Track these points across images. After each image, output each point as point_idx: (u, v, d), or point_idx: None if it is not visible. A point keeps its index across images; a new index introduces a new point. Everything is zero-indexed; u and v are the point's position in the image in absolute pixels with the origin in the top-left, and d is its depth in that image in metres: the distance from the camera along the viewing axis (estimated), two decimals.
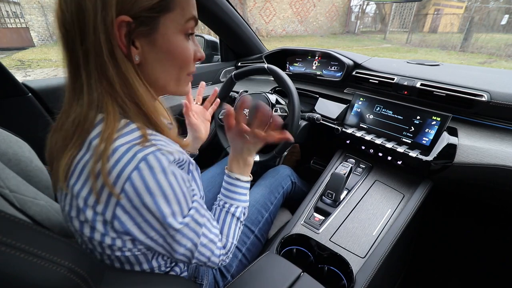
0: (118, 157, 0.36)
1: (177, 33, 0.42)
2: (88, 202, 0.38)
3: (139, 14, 0.38)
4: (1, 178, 0.45)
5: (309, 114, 1.03)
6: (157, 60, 0.42)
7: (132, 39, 0.39)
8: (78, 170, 0.38)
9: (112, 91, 0.39)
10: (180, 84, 0.48)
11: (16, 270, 0.27)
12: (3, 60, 5.71)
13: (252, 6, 10.88)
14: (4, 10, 8.90)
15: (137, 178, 0.36)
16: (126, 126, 0.39)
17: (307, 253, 0.71)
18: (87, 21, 0.35)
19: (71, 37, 0.37)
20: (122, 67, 0.38)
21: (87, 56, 0.37)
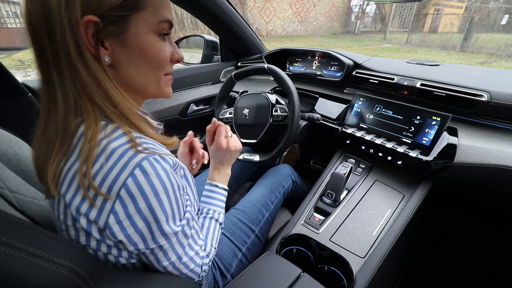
0: (115, 161, 0.36)
1: (149, 33, 0.40)
2: (81, 210, 0.37)
3: (107, 13, 0.36)
4: (1, 179, 0.45)
5: (309, 114, 1.03)
6: (130, 61, 0.41)
7: (101, 39, 0.38)
8: (68, 178, 0.37)
9: (88, 91, 0.37)
10: (160, 86, 0.46)
11: (16, 270, 0.27)
12: (3, 60, 5.71)
13: (252, 6, 10.88)
14: (4, 10, 8.90)
15: (132, 184, 0.36)
16: (115, 131, 0.38)
17: (307, 253, 0.71)
18: (53, 20, 0.34)
19: (39, 37, 0.36)
20: (91, 68, 0.37)
21: (57, 56, 0.36)
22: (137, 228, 0.39)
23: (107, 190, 0.36)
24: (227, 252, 0.73)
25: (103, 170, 0.36)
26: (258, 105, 1.00)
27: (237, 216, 0.81)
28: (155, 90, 0.46)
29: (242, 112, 1.03)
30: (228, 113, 1.08)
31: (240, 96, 1.06)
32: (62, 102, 0.37)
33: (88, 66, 0.37)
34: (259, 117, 0.99)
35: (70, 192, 0.37)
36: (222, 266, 0.70)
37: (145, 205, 0.37)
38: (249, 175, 1.16)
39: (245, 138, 1.04)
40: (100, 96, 0.38)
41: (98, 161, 0.36)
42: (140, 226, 0.39)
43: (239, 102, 1.05)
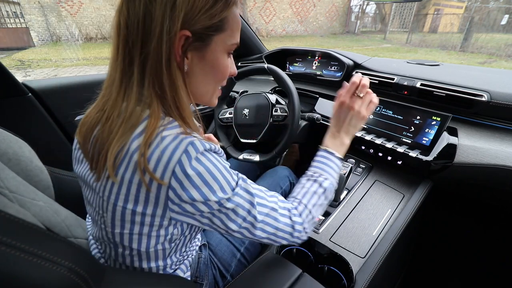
0: (167, 144, 0.39)
1: (223, 51, 0.47)
2: (141, 189, 0.40)
3: (198, 30, 0.42)
4: (1, 179, 0.45)
5: (309, 114, 1.03)
6: (202, 73, 0.47)
7: (186, 51, 0.43)
8: (126, 160, 0.40)
9: (162, 94, 0.42)
10: (213, 96, 0.53)
11: (16, 270, 0.27)
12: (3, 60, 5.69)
13: (252, 6, 10.88)
14: (4, 10, 8.90)
15: (186, 160, 0.39)
16: (171, 122, 0.43)
17: (307, 253, 0.71)
18: (153, 28, 0.39)
19: (132, 38, 0.40)
20: (173, 74, 0.42)
21: (146, 59, 0.40)
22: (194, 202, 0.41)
23: (163, 169, 0.38)
24: (226, 252, 0.73)
25: (158, 151, 0.39)
26: (258, 105, 1.00)
27: None
28: (209, 98, 0.52)
29: (242, 112, 1.03)
30: (228, 113, 1.08)
31: (240, 96, 1.06)
32: (134, 97, 0.41)
33: (171, 72, 0.41)
34: (259, 117, 0.99)
35: (129, 172, 0.40)
36: (221, 266, 0.70)
37: (199, 179, 0.40)
38: (252, 177, 1.16)
39: (245, 138, 1.04)
40: (172, 99, 0.43)
41: (153, 143, 0.39)
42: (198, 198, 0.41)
43: (239, 102, 1.05)
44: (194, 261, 0.65)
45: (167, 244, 0.47)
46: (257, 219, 0.47)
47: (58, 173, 0.69)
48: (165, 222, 0.43)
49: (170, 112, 0.43)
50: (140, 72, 0.41)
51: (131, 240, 0.44)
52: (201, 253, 0.68)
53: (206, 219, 0.44)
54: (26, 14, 8.77)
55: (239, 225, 0.46)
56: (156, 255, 0.48)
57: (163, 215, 0.42)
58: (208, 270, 0.67)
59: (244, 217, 0.46)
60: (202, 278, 0.65)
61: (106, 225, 0.44)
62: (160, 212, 0.42)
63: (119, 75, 0.42)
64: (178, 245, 0.52)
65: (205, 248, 0.71)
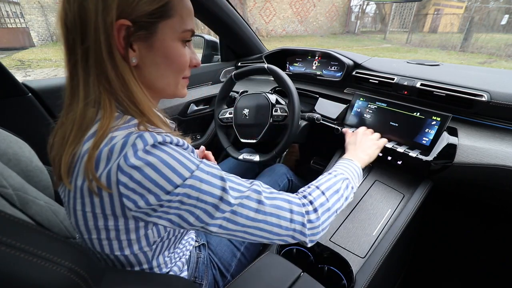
0: (115, 142, 0.37)
1: (174, 39, 0.44)
2: (94, 195, 0.38)
3: (139, 18, 0.39)
4: (4, 177, 0.45)
5: (309, 114, 1.03)
6: (154, 64, 0.44)
7: (130, 42, 0.40)
8: (78, 164, 0.38)
9: (111, 89, 0.40)
10: (178, 88, 0.49)
11: (16, 270, 0.27)
12: (3, 60, 5.71)
13: (252, 6, 10.88)
14: (4, 10, 8.90)
15: (131, 152, 0.36)
16: (128, 121, 0.40)
17: (307, 253, 0.71)
18: (88, 22, 0.37)
19: (71, 36, 0.39)
20: (119, 67, 0.39)
21: (87, 55, 0.39)
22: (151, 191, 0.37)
23: (108, 170, 0.36)
24: (226, 252, 0.73)
25: (105, 150, 0.36)
26: (258, 105, 1.00)
27: None
28: (173, 91, 0.49)
29: (242, 112, 1.03)
30: (228, 113, 1.08)
31: (240, 96, 1.06)
32: (83, 97, 0.40)
33: (116, 65, 0.39)
34: (259, 117, 0.99)
35: (80, 179, 0.38)
36: (221, 266, 0.70)
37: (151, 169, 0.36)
38: (252, 176, 1.16)
39: (245, 138, 1.04)
40: (123, 93, 0.40)
41: (102, 144, 0.37)
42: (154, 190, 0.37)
43: (239, 102, 1.05)
44: (193, 261, 0.65)
45: (145, 247, 0.44)
46: (231, 203, 0.41)
47: None
48: (131, 226, 0.40)
49: (127, 108, 0.41)
50: (84, 69, 0.39)
51: (102, 246, 0.42)
52: (200, 252, 0.68)
53: (174, 215, 0.39)
54: (26, 14, 8.77)
55: (211, 215, 0.40)
56: (136, 258, 0.45)
57: (124, 215, 0.39)
58: (208, 270, 0.67)
59: (215, 204, 0.40)
60: (202, 278, 0.65)
61: (77, 231, 0.42)
62: (119, 212, 0.38)
63: (68, 78, 0.41)
64: (162, 248, 0.49)
65: (204, 248, 0.71)
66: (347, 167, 0.61)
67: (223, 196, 0.41)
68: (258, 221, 0.44)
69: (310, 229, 0.47)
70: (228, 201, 0.41)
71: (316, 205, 0.49)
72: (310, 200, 0.49)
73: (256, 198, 0.44)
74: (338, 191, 0.53)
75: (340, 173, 0.58)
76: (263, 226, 0.44)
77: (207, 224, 0.41)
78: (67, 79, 0.42)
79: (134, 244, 0.43)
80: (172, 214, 0.39)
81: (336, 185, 0.54)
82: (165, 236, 0.47)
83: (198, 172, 0.40)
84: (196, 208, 0.40)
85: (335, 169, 0.60)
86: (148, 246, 0.45)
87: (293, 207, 0.47)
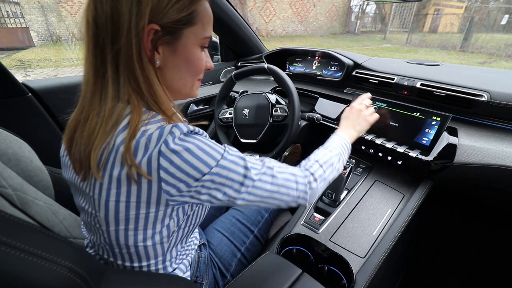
0: (152, 132, 0.40)
1: (195, 44, 0.47)
2: (132, 183, 0.40)
3: (167, 24, 0.42)
4: (4, 177, 0.45)
5: (309, 114, 1.03)
6: (175, 66, 0.47)
7: (156, 46, 0.43)
8: (112, 155, 0.40)
9: (138, 89, 0.42)
10: (192, 89, 0.53)
11: (17, 270, 0.27)
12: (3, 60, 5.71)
13: (252, 6, 10.88)
14: (4, 10, 8.90)
15: (171, 138, 0.39)
16: (154, 116, 0.43)
17: (307, 253, 0.71)
18: (121, 24, 0.39)
19: (102, 36, 0.40)
20: (146, 69, 0.42)
21: (118, 55, 0.41)
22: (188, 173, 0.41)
23: (149, 156, 0.38)
24: (227, 252, 0.73)
25: (143, 139, 0.39)
26: (258, 105, 1.00)
27: (236, 216, 0.81)
28: (188, 91, 0.52)
29: (242, 112, 1.03)
30: (228, 113, 1.08)
31: (240, 96, 1.06)
32: (112, 95, 0.42)
33: (143, 67, 0.42)
34: (259, 117, 0.99)
35: (116, 169, 0.40)
36: (221, 266, 0.70)
37: (189, 154, 0.40)
38: None
39: (245, 138, 1.04)
40: (148, 93, 0.43)
41: (138, 135, 0.40)
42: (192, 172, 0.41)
43: (239, 102, 1.05)
44: (194, 261, 0.65)
45: (164, 238, 0.48)
46: (253, 179, 0.47)
47: (58, 173, 0.69)
48: (160, 213, 0.43)
49: (151, 106, 0.44)
50: (114, 69, 0.41)
51: (127, 236, 0.44)
52: (201, 252, 0.68)
53: (205, 195, 0.44)
54: (26, 14, 8.77)
55: (237, 190, 0.46)
56: (155, 250, 0.48)
57: (157, 202, 0.42)
58: (209, 269, 0.67)
59: (241, 182, 0.46)
60: (202, 277, 0.65)
61: (101, 223, 0.44)
62: (154, 198, 0.41)
63: (93, 75, 0.42)
64: (177, 239, 0.52)
65: (205, 248, 0.71)
66: (339, 143, 0.68)
67: (246, 173, 0.47)
68: (273, 192, 0.50)
69: (311, 194, 0.56)
70: (251, 177, 0.47)
71: (316, 176, 0.57)
72: (311, 172, 0.57)
73: (270, 173, 0.50)
74: (333, 164, 0.62)
75: (334, 147, 0.66)
76: (276, 196, 0.51)
77: (234, 198, 0.46)
78: (91, 76, 0.42)
79: (156, 235, 0.46)
80: (204, 194, 0.44)
81: (331, 159, 0.62)
82: (182, 225, 0.51)
83: (226, 154, 0.45)
84: (225, 186, 0.45)
85: (330, 144, 0.68)
86: (167, 237, 0.48)
87: (298, 179, 0.54)
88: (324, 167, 0.59)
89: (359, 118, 0.77)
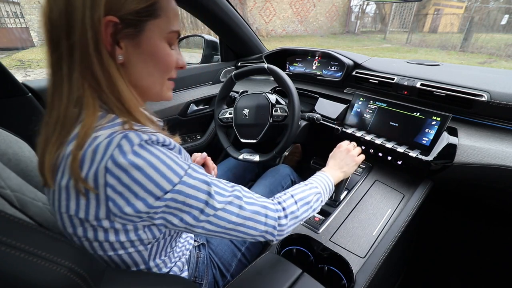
0: (99, 143, 0.36)
1: (161, 39, 0.44)
2: (80, 196, 0.38)
3: (127, 16, 0.39)
4: (2, 178, 0.45)
5: (309, 114, 1.03)
6: (140, 62, 0.44)
7: (117, 39, 0.40)
8: (62, 165, 0.38)
9: (96, 85, 0.39)
10: (163, 89, 0.49)
11: (17, 270, 0.27)
12: (3, 60, 5.71)
13: (252, 6, 10.87)
14: (4, 10, 8.90)
15: (119, 154, 0.36)
16: (111, 120, 0.40)
17: (307, 253, 0.71)
18: (75, 17, 0.37)
19: (56, 32, 0.38)
20: (105, 63, 0.39)
21: (72, 50, 0.38)
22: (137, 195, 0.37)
23: (94, 173, 0.35)
24: (227, 252, 0.73)
25: (89, 151, 0.36)
26: (258, 105, 1.00)
27: None
28: (158, 92, 0.49)
29: (242, 112, 1.03)
30: (228, 113, 1.08)
31: (240, 96, 1.06)
32: (66, 94, 0.39)
33: (103, 61, 0.39)
34: (259, 117, 0.99)
35: (64, 179, 0.38)
36: (221, 266, 0.70)
37: (139, 172, 0.37)
38: (251, 176, 1.16)
39: (245, 138, 1.04)
40: (109, 90, 0.40)
41: (85, 145, 0.36)
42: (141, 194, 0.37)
43: (239, 102, 1.05)
44: (193, 261, 0.65)
45: (140, 247, 0.44)
46: (216, 207, 0.43)
47: None
48: (118, 226, 0.40)
49: (112, 106, 0.41)
50: (68, 65, 0.39)
51: (93, 247, 0.41)
52: (200, 252, 0.68)
53: (159, 219, 0.40)
54: (26, 14, 8.77)
55: (196, 218, 0.42)
56: (132, 260, 0.45)
57: (109, 219, 0.38)
58: (208, 269, 0.67)
59: (201, 209, 0.42)
60: (202, 277, 0.65)
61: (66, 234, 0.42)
62: (104, 215, 0.38)
63: (50, 75, 0.40)
64: (159, 247, 0.49)
65: (204, 248, 0.71)
66: (322, 182, 0.66)
67: (208, 200, 0.43)
68: (237, 224, 0.46)
69: (279, 231, 0.52)
70: (213, 206, 0.43)
71: (288, 212, 0.54)
72: (283, 206, 0.54)
73: (238, 203, 0.47)
74: (309, 203, 0.59)
75: (315, 186, 0.63)
76: (241, 229, 0.47)
77: (192, 225, 0.43)
78: (49, 76, 0.41)
79: (129, 248, 0.43)
80: (158, 219, 0.40)
81: (308, 197, 0.59)
82: (161, 237, 0.47)
83: (186, 177, 0.41)
84: (182, 212, 0.41)
85: (311, 181, 0.65)
86: (143, 246, 0.45)
87: (268, 212, 0.50)
88: (299, 204, 0.56)
89: (347, 158, 0.76)
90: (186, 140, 1.41)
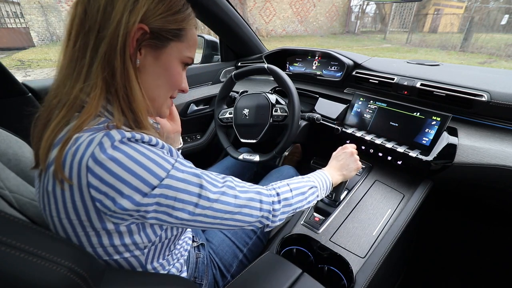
0: (80, 143, 0.36)
1: (178, 59, 0.48)
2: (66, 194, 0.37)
3: (157, 30, 0.43)
4: (1, 179, 0.45)
5: (309, 114, 1.03)
6: (154, 73, 0.46)
7: (140, 46, 0.43)
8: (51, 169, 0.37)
9: (111, 79, 0.40)
10: (163, 105, 0.51)
11: (17, 270, 0.27)
12: (3, 60, 5.71)
13: (252, 6, 10.87)
14: (4, 10, 8.89)
15: (99, 150, 0.35)
16: (100, 123, 0.40)
17: (307, 253, 0.71)
18: (113, 15, 0.39)
19: (89, 23, 0.40)
20: (126, 62, 0.41)
21: (99, 43, 0.40)
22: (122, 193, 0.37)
23: (77, 174, 0.35)
24: (228, 253, 0.73)
25: (70, 153, 0.36)
26: (258, 105, 1.00)
27: None
28: (159, 106, 0.50)
29: (242, 112, 1.03)
30: (228, 113, 1.08)
31: (240, 96, 1.06)
32: (82, 80, 0.40)
33: (124, 59, 0.41)
34: (259, 117, 0.99)
35: (51, 183, 0.37)
36: (222, 266, 0.70)
37: (121, 169, 0.36)
38: (250, 175, 1.16)
39: (245, 138, 1.04)
40: (123, 85, 0.41)
41: (67, 146, 0.36)
42: (125, 190, 0.36)
43: (239, 102, 1.05)
44: (192, 261, 0.65)
45: (136, 251, 0.44)
46: (211, 199, 0.43)
47: None
48: (111, 227, 0.39)
49: (120, 102, 0.41)
50: (91, 55, 0.40)
51: (91, 250, 0.41)
52: (199, 252, 0.68)
53: (151, 219, 0.40)
54: (26, 14, 8.76)
55: (191, 212, 0.42)
56: (129, 264, 0.44)
57: (100, 219, 0.38)
58: (208, 269, 0.67)
59: (195, 202, 0.42)
60: (201, 278, 0.65)
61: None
62: (94, 215, 0.37)
63: (68, 60, 0.41)
64: (156, 251, 0.48)
65: (203, 248, 0.71)
66: (321, 179, 0.67)
67: (201, 193, 0.43)
68: (234, 213, 0.47)
69: (274, 216, 0.53)
70: (207, 197, 0.43)
71: (281, 197, 0.55)
72: (277, 192, 0.56)
73: (232, 193, 0.47)
74: (304, 193, 0.60)
75: (312, 180, 0.64)
76: (238, 217, 0.48)
77: (188, 220, 0.42)
78: (68, 60, 0.41)
79: (121, 248, 0.42)
80: (150, 218, 0.40)
81: (304, 188, 0.60)
82: (157, 240, 0.46)
83: (173, 171, 0.40)
84: (175, 209, 0.40)
85: (309, 176, 0.66)
86: (139, 250, 0.44)
87: (262, 198, 0.52)
88: (293, 193, 0.57)
89: (350, 161, 0.75)
90: (186, 140, 1.41)
